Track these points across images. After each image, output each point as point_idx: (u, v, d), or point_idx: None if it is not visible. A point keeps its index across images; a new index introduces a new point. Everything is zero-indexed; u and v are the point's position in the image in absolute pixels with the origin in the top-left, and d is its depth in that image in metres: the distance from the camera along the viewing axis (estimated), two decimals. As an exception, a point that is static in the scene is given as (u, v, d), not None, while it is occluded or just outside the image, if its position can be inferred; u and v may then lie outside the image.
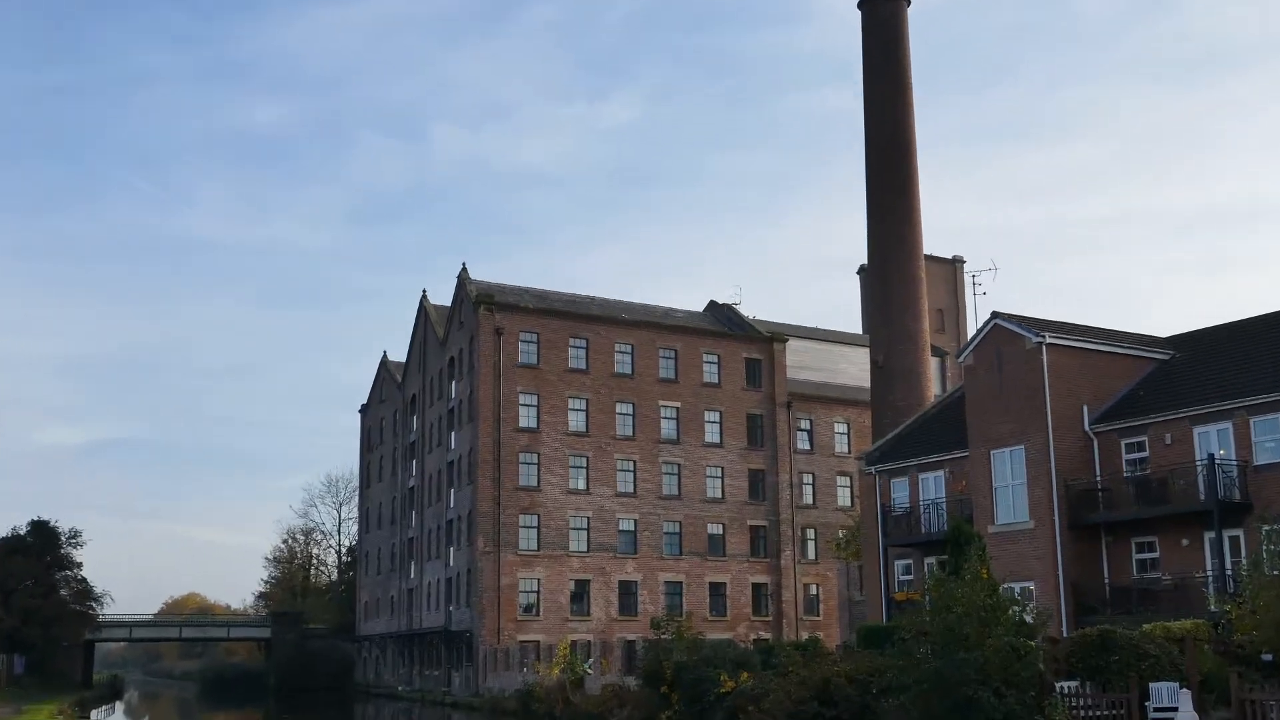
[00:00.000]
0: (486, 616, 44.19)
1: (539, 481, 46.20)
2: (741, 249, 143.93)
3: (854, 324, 66.27)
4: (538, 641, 44.14)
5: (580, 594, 46.04)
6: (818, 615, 50.46)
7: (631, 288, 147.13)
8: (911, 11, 42.16)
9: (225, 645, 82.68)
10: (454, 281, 50.88)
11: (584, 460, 47.35)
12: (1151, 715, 16.79)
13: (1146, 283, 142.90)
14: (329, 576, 75.92)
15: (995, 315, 28.14)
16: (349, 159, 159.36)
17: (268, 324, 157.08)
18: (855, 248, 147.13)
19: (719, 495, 49.83)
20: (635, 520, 47.86)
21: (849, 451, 52.66)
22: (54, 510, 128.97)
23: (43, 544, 50.20)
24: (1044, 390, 26.45)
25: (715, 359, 50.93)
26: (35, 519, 50.74)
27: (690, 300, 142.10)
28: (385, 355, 63.63)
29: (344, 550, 74.36)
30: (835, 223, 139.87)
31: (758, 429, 51.15)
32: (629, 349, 49.30)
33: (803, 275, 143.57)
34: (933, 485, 30.41)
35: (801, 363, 54.84)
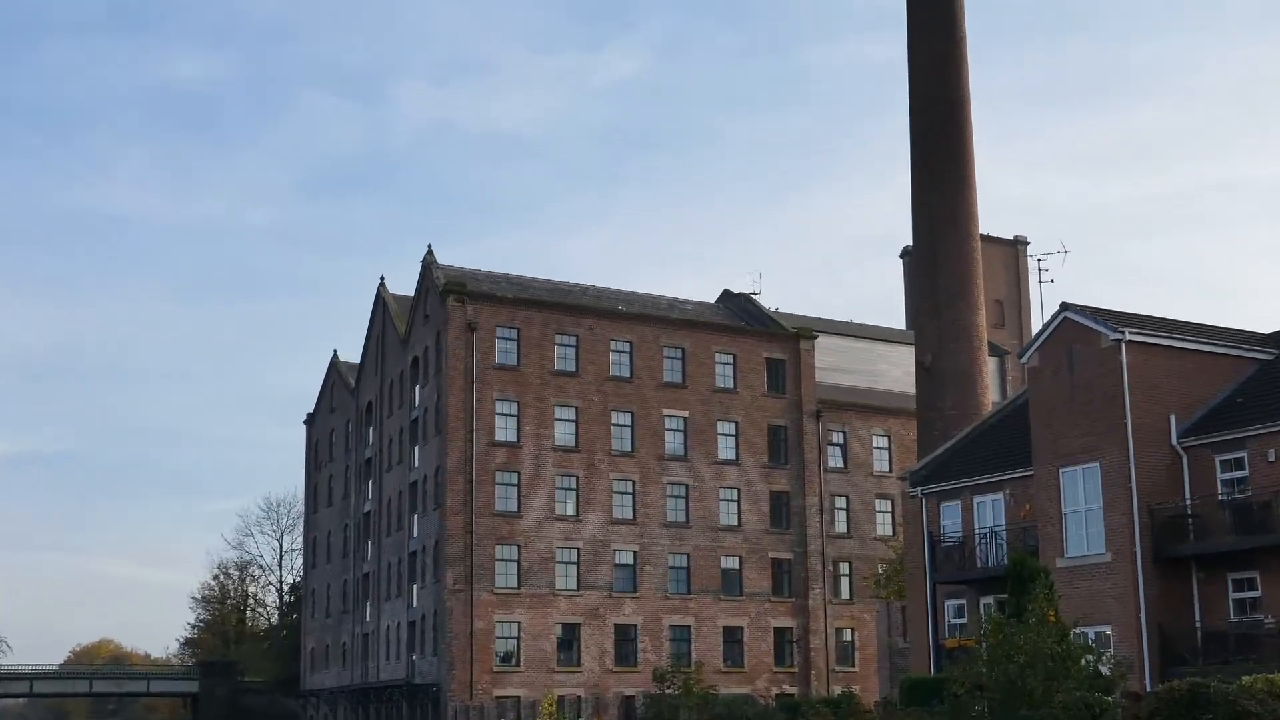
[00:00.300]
0: (457, 667, 44.21)
1: (519, 506, 46.39)
2: (762, 228, 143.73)
3: (896, 317, 66.77)
4: (518, 697, 44.19)
5: (569, 640, 46.19)
6: (852, 666, 50.63)
7: (630, 275, 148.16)
8: (965, -53, 42.02)
9: (145, 701, 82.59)
10: (417, 267, 51.05)
11: (573, 480, 47.56)
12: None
13: (1246, 269, 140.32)
14: (268, 620, 76.17)
15: (1065, 307, 28.09)
16: (293, 123, 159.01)
17: (195, 317, 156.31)
18: (898, 227, 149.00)
19: (734, 522, 50.05)
20: (634, 552, 48.07)
21: (890, 470, 52.95)
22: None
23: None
24: (1123, 397, 26.39)
25: (730, 359, 51.15)
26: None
27: (700, 289, 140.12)
28: (336, 355, 63.92)
29: (286, 588, 74.46)
30: (874, 197, 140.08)
31: (781, 443, 51.42)
32: (627, 347, 49.49)
33: (835, 259, 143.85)
34: (990, 510, 30.40)
35: (834, 363, 55.26)
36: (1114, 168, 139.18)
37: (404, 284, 56.58)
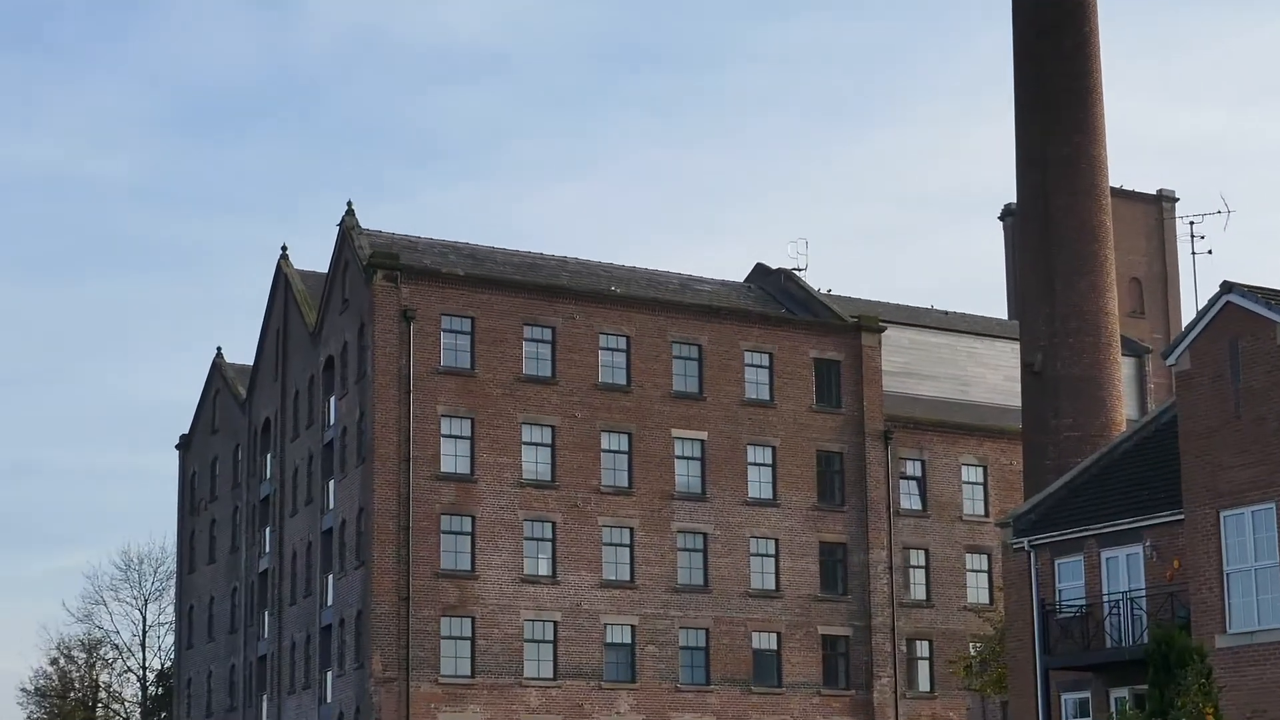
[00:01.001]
0: (387, 786, 44.83)
1: (474, 563, 46.63)
2: (807, 180, 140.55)
3: (994, 302, 67.08)
4: (472, 828, 44.82)
5: (543, 750, 46.88)
6: (934, 786, 51.56)
7: (626, 244, 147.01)
8: None
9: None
10: (333, 233, 51.45)
11: (548, 528, 47.76)
12: None
13: None
14: (125, 719, 76.21)
15: (1228, 288, 27.87)
16: (159, 35, 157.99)
17: (21, 304, 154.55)
18: (996, 179, 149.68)
19: (771, 585, 50.28)
20: (633, 627, 48.24)
21: (985, 513, 53.38)
22: None
23: None
24: (1309, 411, 26.61)
25: (765, 360, 51.46)
26: None
27: (724, 263, 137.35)
28: (220, 355, 64.41)
29: (152, 676, 74.38)
30: (961, 137, 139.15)
31: (835, 475, 51.73)
32: (622, 344, 49.79)
33: (907, 224, 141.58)
34: (1124, 569, 30.13)
35: (907, 366, 55.31)
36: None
37: (314, 256, 56.82)
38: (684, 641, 48.56)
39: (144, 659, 74.11)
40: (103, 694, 75.91)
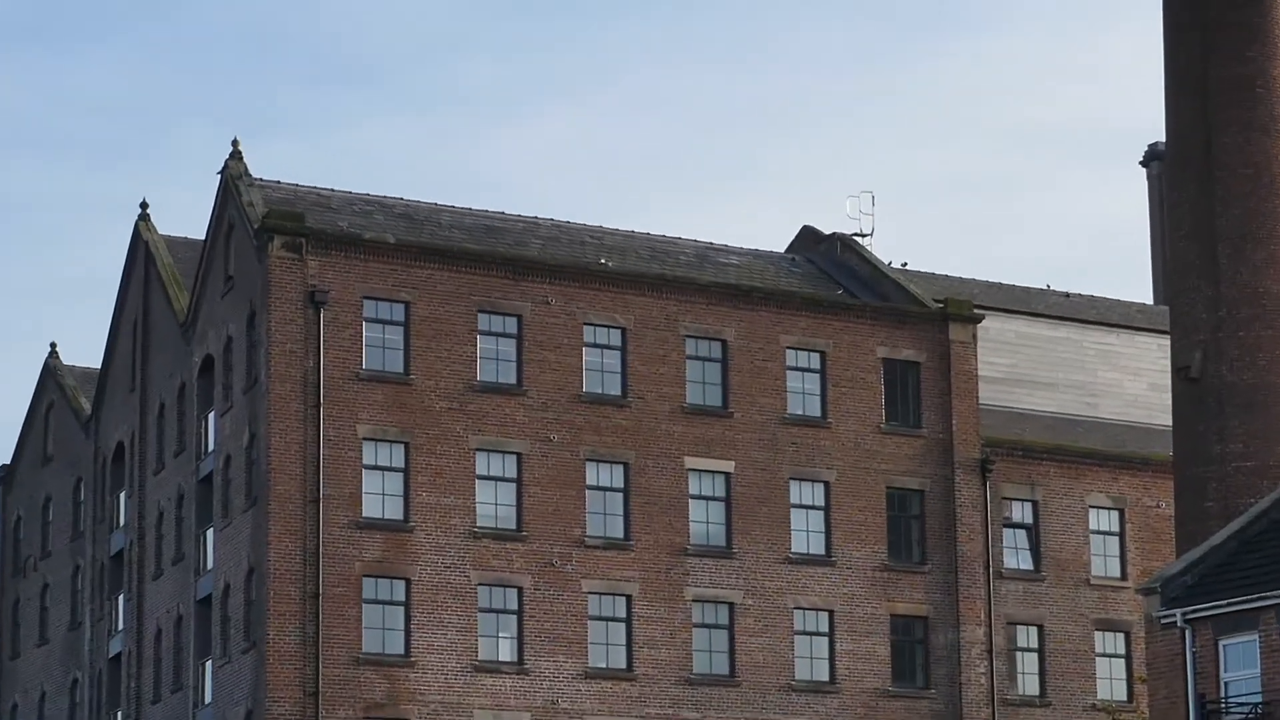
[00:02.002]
0: None
1: (408, 645, 46.59)
2: (870, 112, 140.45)
3: (1133, 282, 66.68)
4: None
5: None
6: None
7: (620, 199, 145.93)
8: None
9: None
10: (211, 186, 51.86)
11: (512, 595, 47.75)
12: None
13: None
14: None
15: None
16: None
17: None
18: (1135, 113, 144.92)
19: (824, 676, 50.23)
20: (631, 732, 48.69)
21: (1122, 574, 53.47)
22: None
23: None
24: None
25: (816, 360, 51.55)
26: None
27: (758, 227, 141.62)
28: (55, 355, 64.35)
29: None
30: (1087, 52, 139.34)
31: (912, 521, 51.87)
32: (617, 338, 49.88)
33: (1011, 172, 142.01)
34: (1316, 652, 30.35)
35: (1014, 369, 55.42)
36: None
37: (185, 217, 56.68)
38: (703, 753, 49.07)
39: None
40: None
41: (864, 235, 56.59)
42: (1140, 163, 72.00)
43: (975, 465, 52.11)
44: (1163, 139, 43.46)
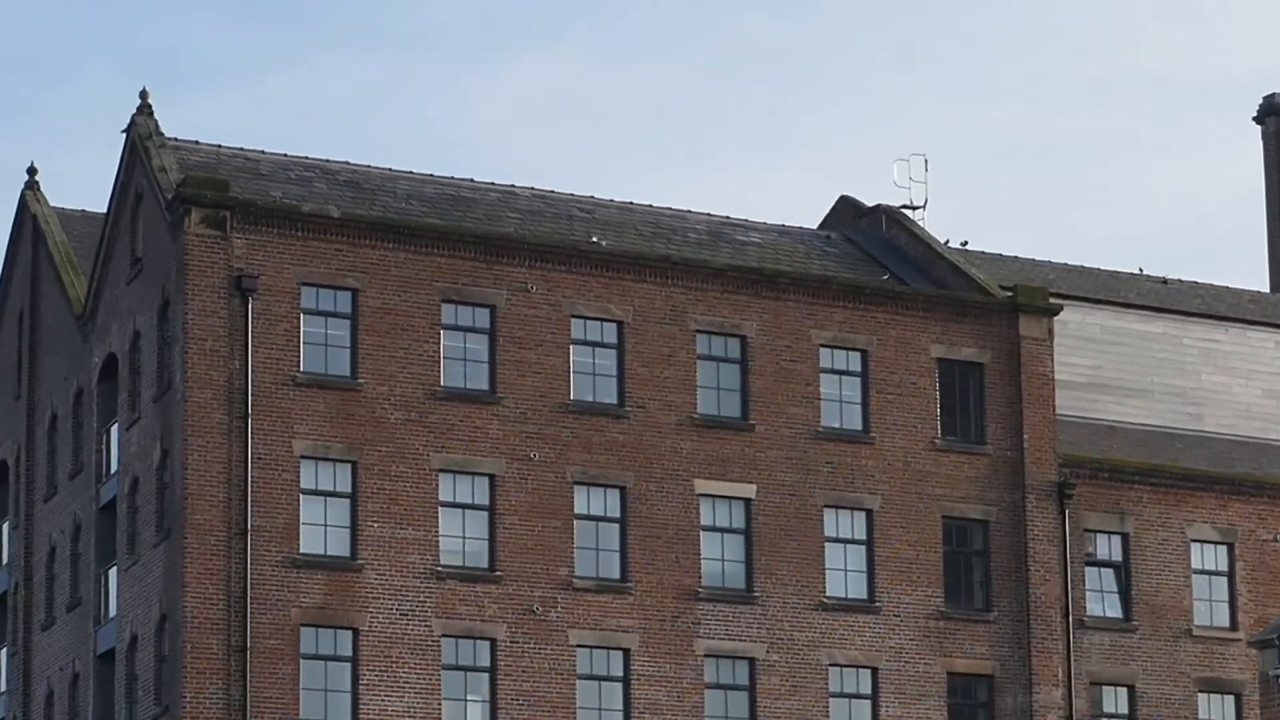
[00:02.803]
0: None
1: (356, 710, 46.57)
2: (922, 54, 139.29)
3: (1246, 265, 66.25)
4: None
5: None
6: None
7: (616, 163, 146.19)
8: None
9: None
10: (115, 147, 51.69)
11: (484, 649, 47.64)
12: None
13: None
14: None
15: None
16: None
17: None
18: (1245, 56, 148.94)
19: (868, 755, 50.57)
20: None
21: (1231, 623, 53.69)
22: None
23: None
24: None
25: (857, 361, 51.67)
26: None
27: (785, 197, 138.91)
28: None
29: None
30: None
31: (974, 559, 52.14)
32: (612, 333, 49.88)
33: (1093, 131, 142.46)
34: None
35: (1098, 372, 55.93)
36: None
37: (83, 187, 56.13)
38: None
39: None
40: None
41: (915, 207, 56.90)
42: (1254, 118, 71.22)
43: (1051, 490, 52.16)
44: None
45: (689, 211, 55.62)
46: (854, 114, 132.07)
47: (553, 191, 54.57)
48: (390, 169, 53.26)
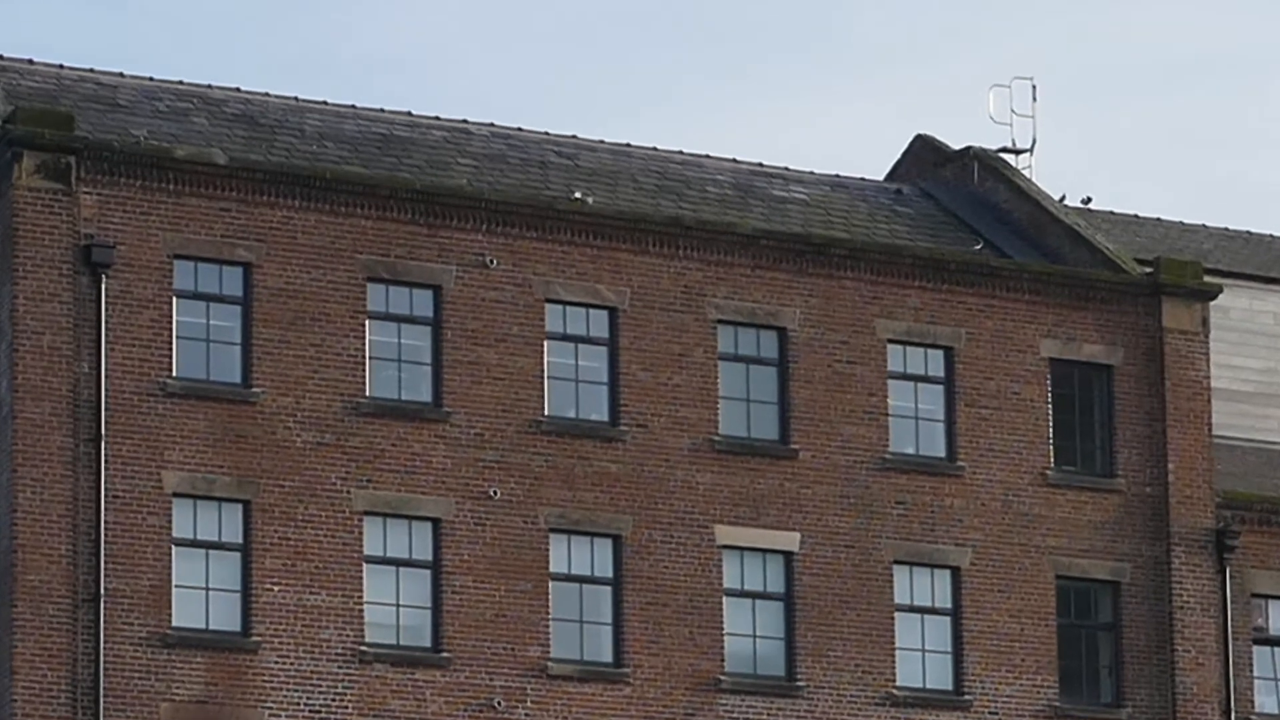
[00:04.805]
0: None
1: None
2: None
3: None
4: None
5: None
6: None
7: (610, 94, 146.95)
8: None
9: None
10: None
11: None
12: None
13: None
14: None
15: None
16: None
17: None
18: None
19: None
20: None
21: None
22: None
23: None
24: None
25: (939, 360, 52.40)
26: None
27: (839, 136, 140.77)
28: None
29: None
30: None
31: (1100, 634, 52.79)
32: (603, 323, 50.45)
33: (1257, 62, 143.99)
34: None
35: (1272, 380, 57.62)
36: None
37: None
38: None
39: None
40: None
41: (1018, 151, 57.66)
42: None
43: (1206, 539, 52.69)
44: None
45: (707, 156, 56.13)
46: (934, 24, 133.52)
47: (520, 130, 54.92)
48: (296, 98, 53.53)
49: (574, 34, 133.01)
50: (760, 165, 56.36)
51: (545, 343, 49.62)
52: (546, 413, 49.31)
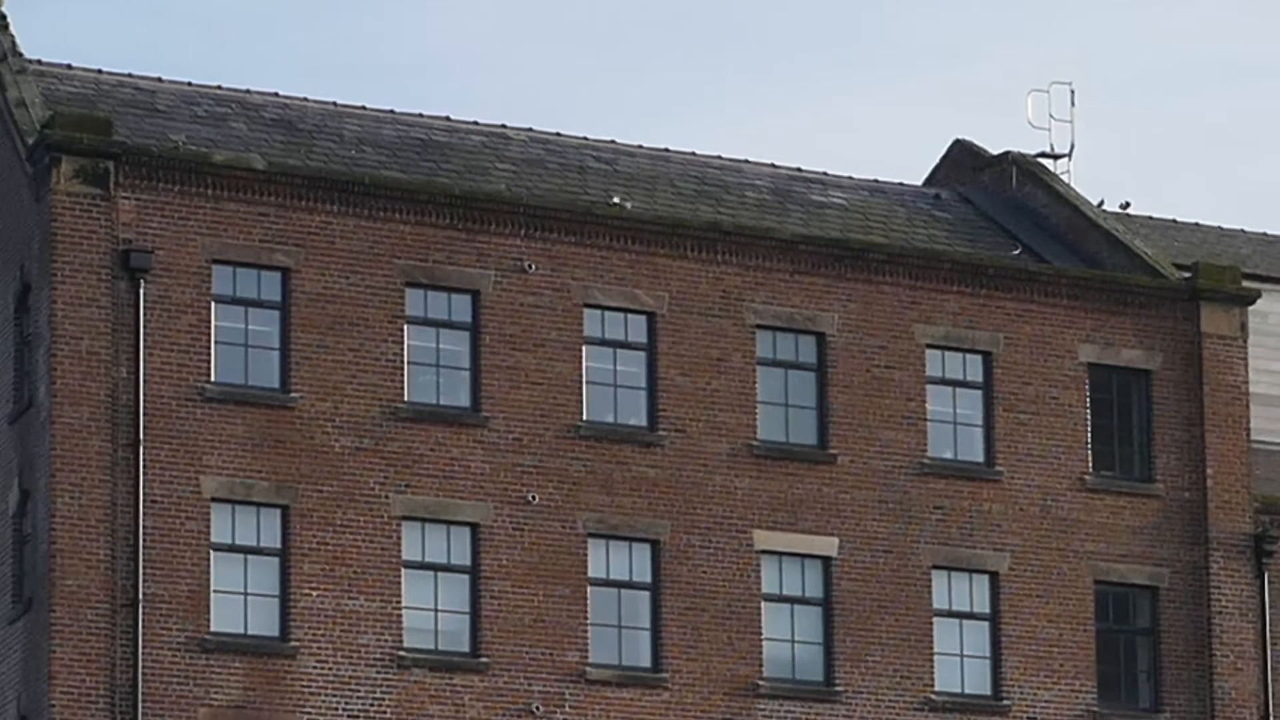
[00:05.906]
0: None
1: None
2: None
3: None
4: None
5: None
6: None
7: (648, 99, 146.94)
8: None
9: None
10: None
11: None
12: None
13: None
14: None
15: None
16: None
17: None
18: None
19: None
20: None
21: None
22: None
23: None
24: None
25: (977, 365, 52.41)
26: None
27: (878, 140, 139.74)
28: None
29: None
30: None
31: (1137, 636, 53.03)
32: (641, 328, 50.33)
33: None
34: None
35: None
36: None
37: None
38: None
39: None
40: None
41: (1057, 156, 57.69)
42: None
43: (1245, 544, 52.72)
44: None
45: (746, 161, 56.09)
46: (973, 29, 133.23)
47: (558, 134, 55.02)
48: (334, 103, 53.68)
49: (612, 38, 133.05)
50: (799, 170, 56.52)
51: (584, 348, 49.61)
52: (585, 418, 49.31)
